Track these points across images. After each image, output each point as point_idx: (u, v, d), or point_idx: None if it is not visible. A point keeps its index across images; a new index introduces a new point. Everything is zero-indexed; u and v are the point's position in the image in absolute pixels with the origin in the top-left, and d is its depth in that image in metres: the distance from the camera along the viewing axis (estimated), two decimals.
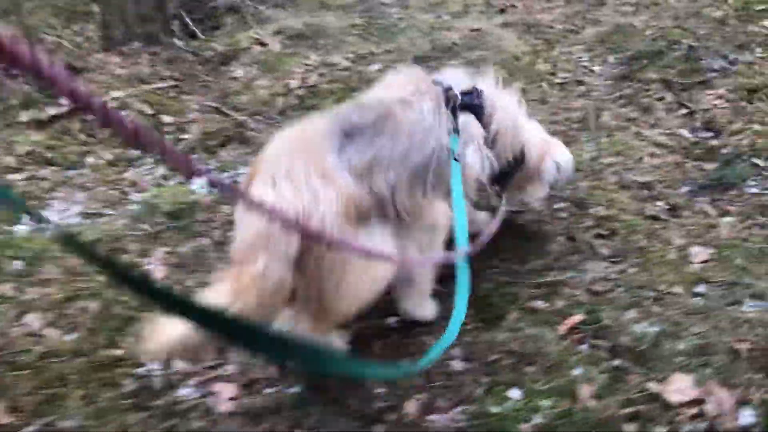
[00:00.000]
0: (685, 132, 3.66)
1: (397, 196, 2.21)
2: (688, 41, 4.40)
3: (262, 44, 5.06)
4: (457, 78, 2.54)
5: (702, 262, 2.69)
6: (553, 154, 2.75)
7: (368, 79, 4.13)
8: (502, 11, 5.64)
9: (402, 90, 2.39)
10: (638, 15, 5.16)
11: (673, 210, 3.04)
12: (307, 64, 4.72)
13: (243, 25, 5.56)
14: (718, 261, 2.68)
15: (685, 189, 3.18)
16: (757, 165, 3.26)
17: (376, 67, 4.66)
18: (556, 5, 5.64)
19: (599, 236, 2.91)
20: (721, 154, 3.41)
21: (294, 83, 4.49)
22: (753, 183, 3.17)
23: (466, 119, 2.45)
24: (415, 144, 2.27)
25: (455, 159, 2.32)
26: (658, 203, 3.09)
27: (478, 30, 5.06)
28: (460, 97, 2.44)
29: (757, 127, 3.52)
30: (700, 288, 2.57)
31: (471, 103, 2.48)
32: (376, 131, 2.21)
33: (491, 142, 2.53)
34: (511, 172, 2.65)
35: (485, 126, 2.51)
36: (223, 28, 5.59)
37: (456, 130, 2.38)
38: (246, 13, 5.75)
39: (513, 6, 5.72)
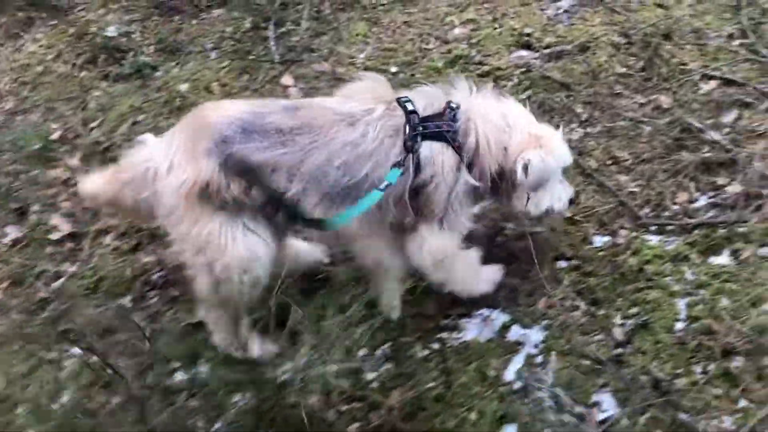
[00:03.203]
0: None
1: (306, 208, 2.26)
2: None
3: None
4: (428, 97, 2.41)
5: None
6: (525, 152, 2.39)
7: None
8: None
9: (359, 104, 2.31)
10: None
11: None
12: None
13: None
14: None
15: None
16: None
17: None
18: None
19: None
20: None
21: None
22: None
23: (433, 150, 2.32)
24: (338, 166, 2.24)
25: (379, 188, 2.24)
26: None
27: None
28: (421, 126, 2.31)
29: None
30: None
31: (438, 131, 2.33)
32: (286, 138, 2.22)
33: (469, 165, 2.36)
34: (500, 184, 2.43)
35: (461, 149, 2.34)
36: None
37: (399, 164, 2.27)
38: None
39: None
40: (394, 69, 4.19)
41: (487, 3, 4.51)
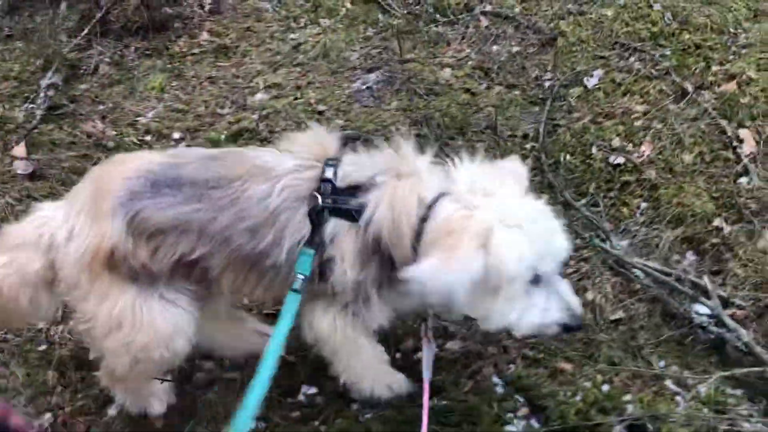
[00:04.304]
0: None
1: (218, 276, 2.00)
2: None
3: None
4: (358, 164, 1.99)
5: None
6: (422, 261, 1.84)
7: None
8: None
9: (285, 158, 1.99)
10: None
11: None
12: None
13: None
14: None
15: None
16: None
17: None
18: None
19: None
20: None
21: None
22: None
23: (338, 229, 1.93)
24: (242, 228, 1.92)
25: (295, 289, 1.90)
26: None
27: None
28: (330, 199, 1.91)
29: None
30: None
31: (343, 208, 1.92)
32: (200, 192, 1.92)
33: (372, 251, 1.92)
34: None
35: (366, 233, 1.91)
36: None
37: (309, 242, 1.91)
38: None
39: None
40: (177, 135, 3.75)
41: (300, 66, 4.13)
